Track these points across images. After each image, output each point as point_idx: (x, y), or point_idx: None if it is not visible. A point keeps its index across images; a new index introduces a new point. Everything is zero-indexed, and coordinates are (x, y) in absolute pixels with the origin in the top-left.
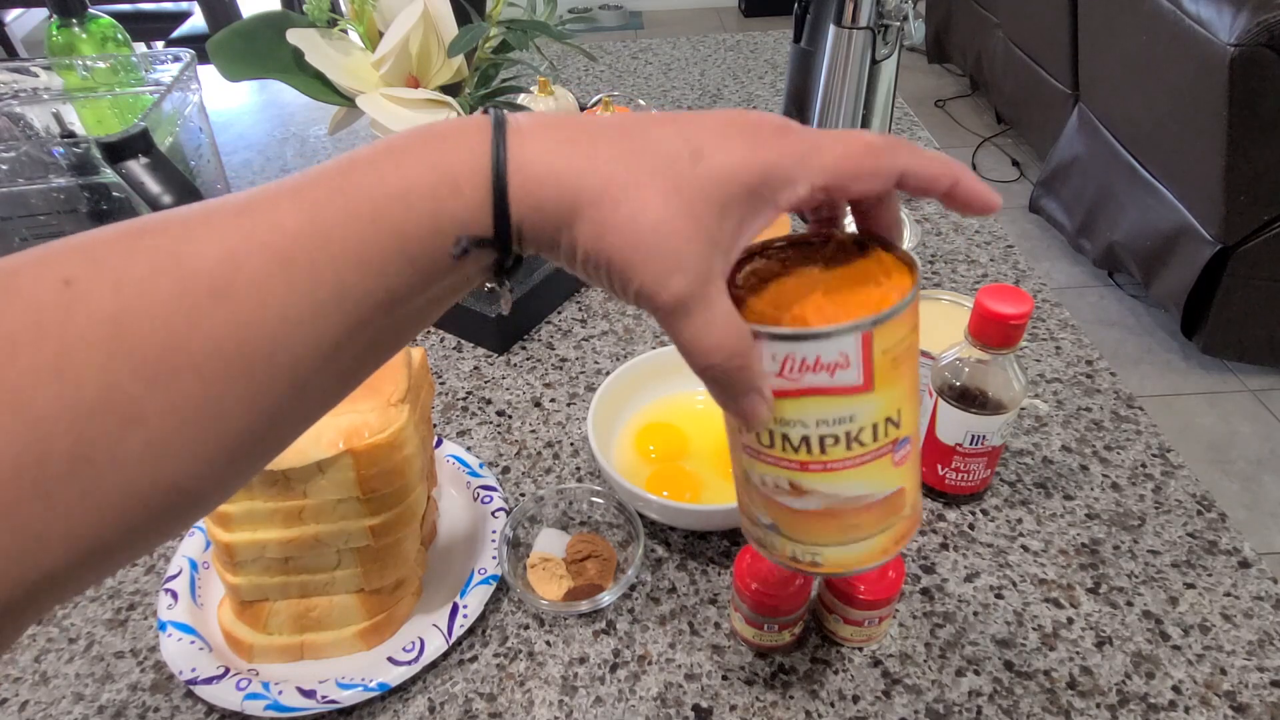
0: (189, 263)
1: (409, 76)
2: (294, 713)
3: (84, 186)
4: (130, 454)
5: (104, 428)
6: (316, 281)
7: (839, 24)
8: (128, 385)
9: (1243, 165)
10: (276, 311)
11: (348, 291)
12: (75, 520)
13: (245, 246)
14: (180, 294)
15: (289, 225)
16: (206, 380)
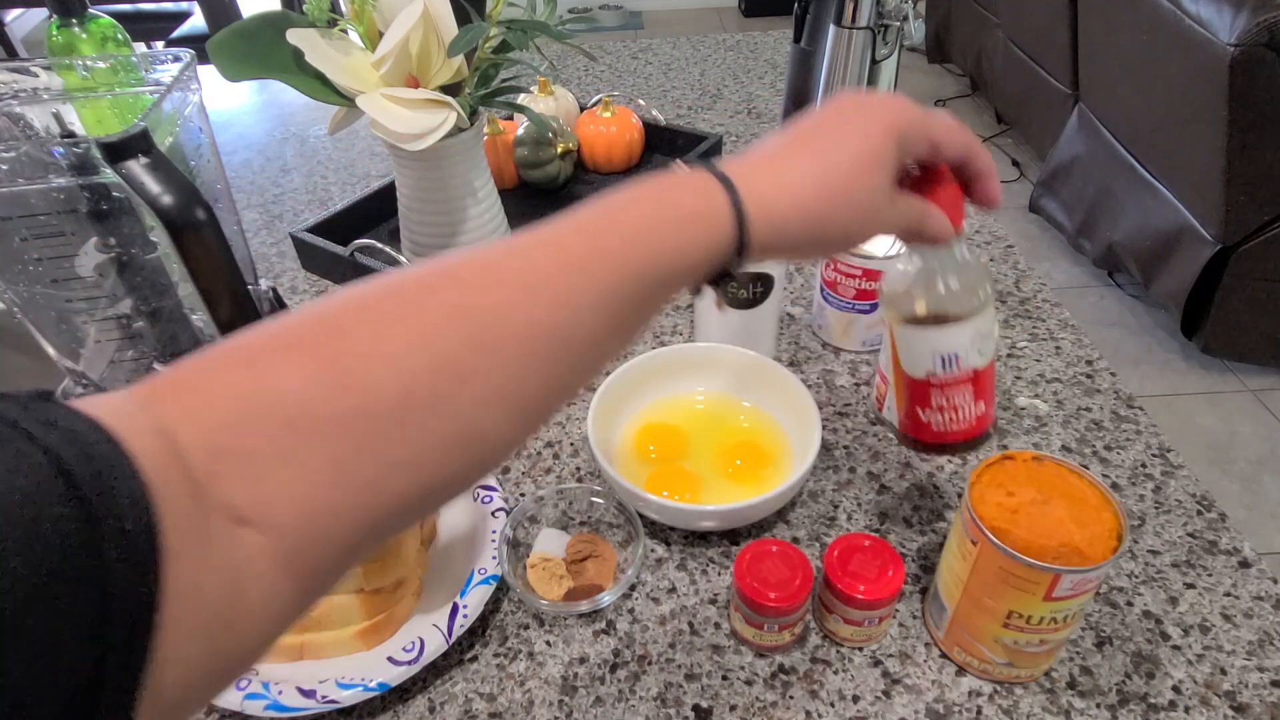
0: (507, 270)
1: (409, 76)
2: (294, 713)
3: (84, 186)
4: (462, 404)
5: (449, 381)
6: (594, 284)
7: (839, 24)
8: (464, 352)
9: (1243, 165)
10: (566, 304)
11: (615, 293)
12: (422, 452)
13: (546, 261)
14: (499, 288)
15: (576, 246)
16: (516, 352)
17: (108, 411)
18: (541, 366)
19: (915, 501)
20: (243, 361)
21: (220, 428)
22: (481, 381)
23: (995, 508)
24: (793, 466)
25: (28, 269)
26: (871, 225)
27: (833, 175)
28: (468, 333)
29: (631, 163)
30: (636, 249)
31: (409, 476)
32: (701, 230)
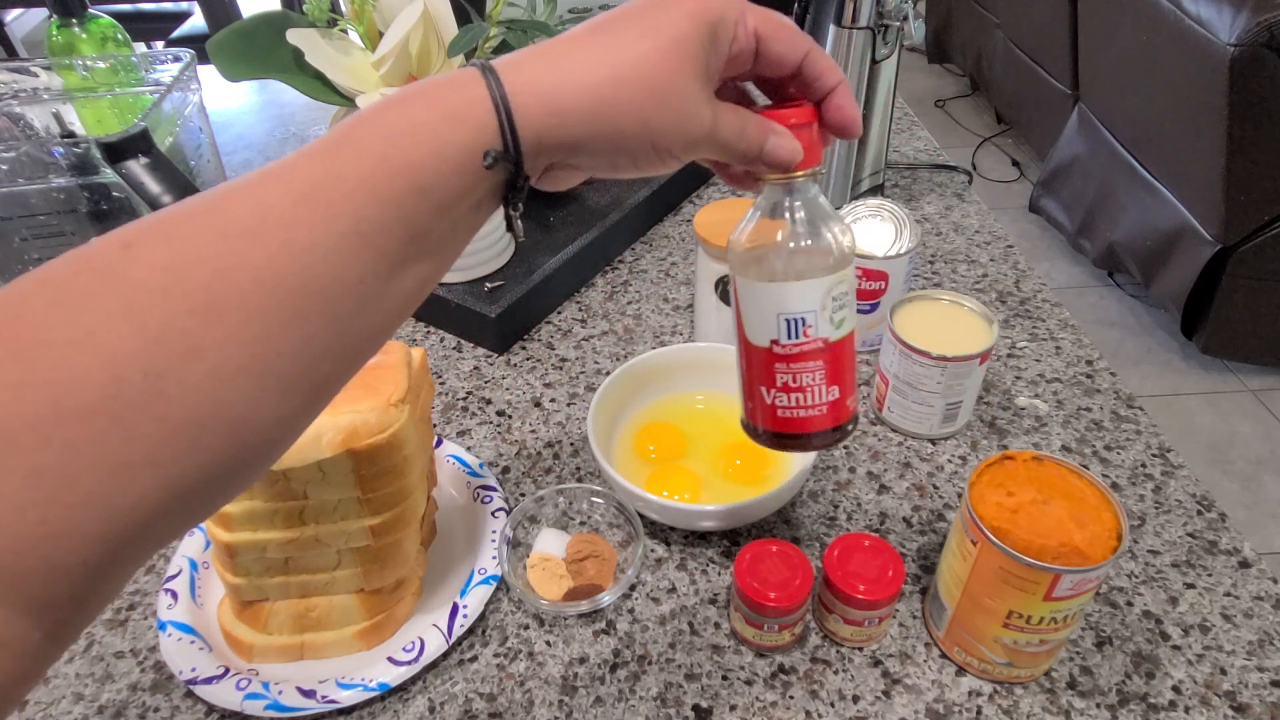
0: (225, 215)
1: (409, 76)
2: (294, 713)
3: (84, 186)
4: (194, 382)
5: (168, 359)
6: (334, 216)
7: (839, 24)
8: (184, 321)
9: (1243, 165)
10: (302, 245)
11: (367, 223)
12: (155, 447)
13: (271, 196)
14: (219, 239)
15: (307, 174)
16: (250, 312)
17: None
18: (288, 324)
19: (915, 501)
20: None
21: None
22: (212, 352)
23: (995, 508)
24: (793, 466)
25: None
26: (677, 120)
27: (625, 56)
28: (183, 296)
29: None
30: (383, 164)
31: (147, 478)
32: (457, 128)
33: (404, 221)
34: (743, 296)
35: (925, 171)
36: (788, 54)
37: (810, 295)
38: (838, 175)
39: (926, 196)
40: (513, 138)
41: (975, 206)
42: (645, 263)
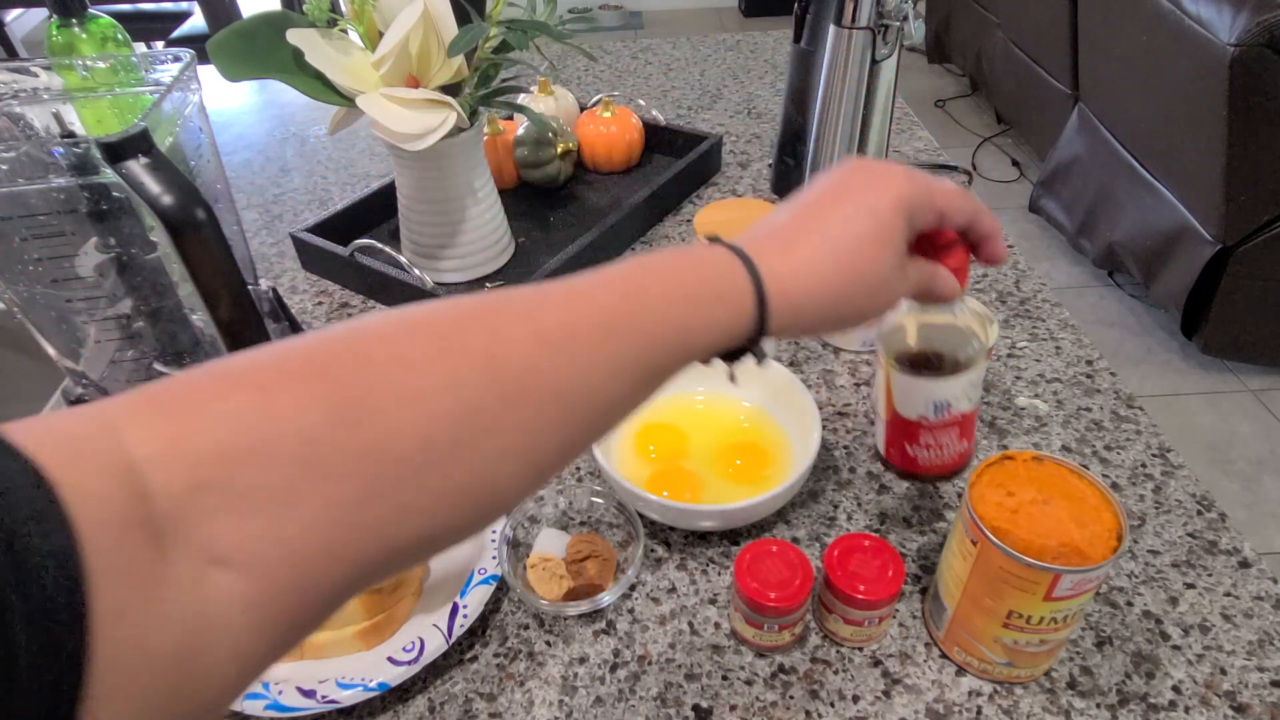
0: (539, 324)
1: (409, 76)
2: (294, 713)
3: (84, 186)
4: (481, 454)
5: (471, 431)
6: (620, 351)
7: (839, 24)
8: (492, 403)
9: (1243, 165)
10: (593, 366)
11: (641, 362)
12: (434, 499)
13: (578, 317)
14: (534, 344)
15: (607, 306)
16: (540, 407)
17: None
18: (561, 423)
19: (915, 501)
20: (253, 386)
21: (212, 458)
22: (504, 433)
23: (995, 508)
24: (793, 466)
25: (28, 269)
26: (885, 299)
27: (845, 257)
28: (495, 382)
29: (631, 163)
30: (663, 321)
31: (418, 522)
32: (725, 310)
33: (664, 364)
34: (895, 383)
35: (925, 171)
36: (960, 219)
37: (954, 387)
38: None
39: None
40: (761, 326)
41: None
42: None
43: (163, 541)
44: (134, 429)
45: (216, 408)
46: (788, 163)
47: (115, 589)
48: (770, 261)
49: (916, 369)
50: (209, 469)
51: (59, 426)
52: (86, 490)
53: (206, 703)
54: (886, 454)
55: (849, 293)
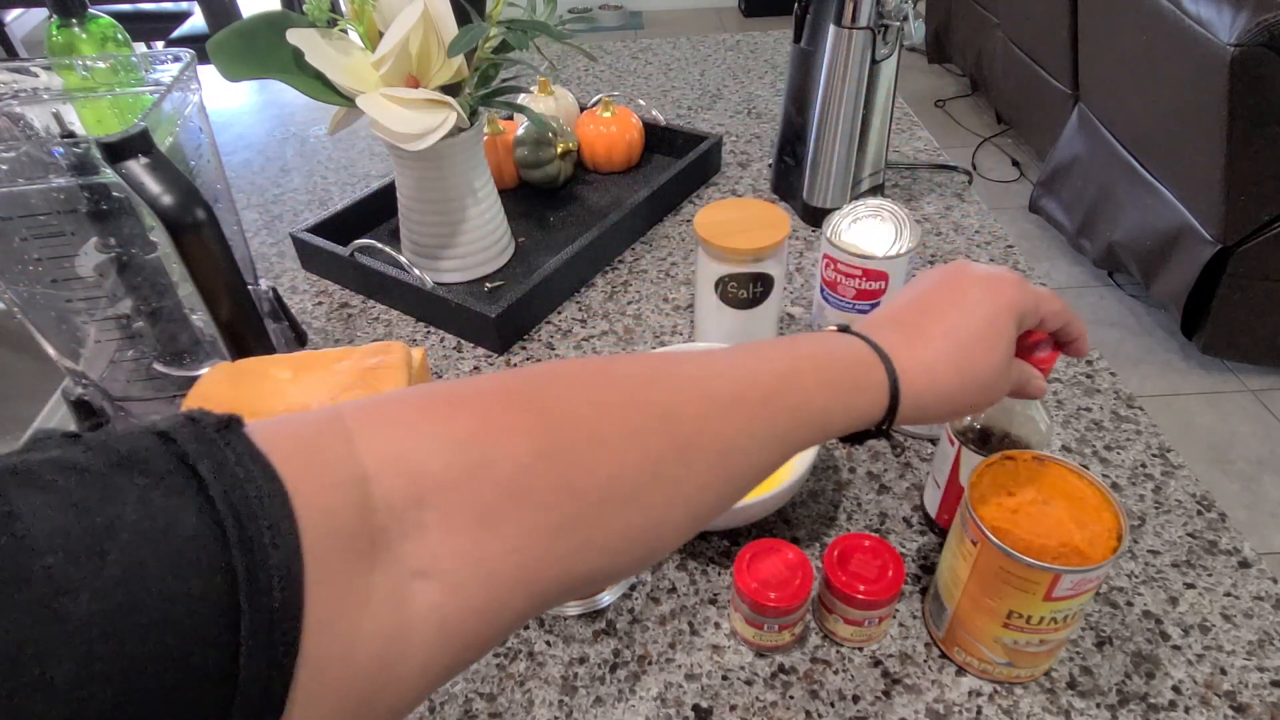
0: (710, 389)
1: (409, 76)
2: None
3: (84, 186)
4: (657, 500)
5: (650, 478)
6: (775, 421)
7: (839, 24)
8: (670, 455)
9: (1243, 165)
10: (754, 432)
11: (789, 434)
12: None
13: (743, 390)
14: (706, 406)
15: (767, 383)
16: (707, 463)
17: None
18: (720, 479)
19: (915, 501)
20: (473, 413)
21: (431, 478)
22: (675, 483)
23: (995, 508)
24: (793, 466)
25: (28, 269)
26: (991, 395)
27: (964, 358)
28: (673, 437)
29: (631, 163)
30: (810, 403)
31: (596, 559)
32: (864, 400)
33: (806, 439)
34: (965, 457)
35: (925, 171)
36: (1057, 323)
37: None
38: (838, 175)
39: (926, 196)
40: (891, 416)
41: (975, 206)
42: (645, 263)
43: (375, 551)
44: (366, 440)
45: (441, 429)
46: (788, 163)
47: (328, 601)
48: (901, 357)
49: (984, 445)
50: (427, 486)
51: (300, 433)
52: (317, 502)
53: (394, 708)
54: (938, 517)
55: (965, 389)
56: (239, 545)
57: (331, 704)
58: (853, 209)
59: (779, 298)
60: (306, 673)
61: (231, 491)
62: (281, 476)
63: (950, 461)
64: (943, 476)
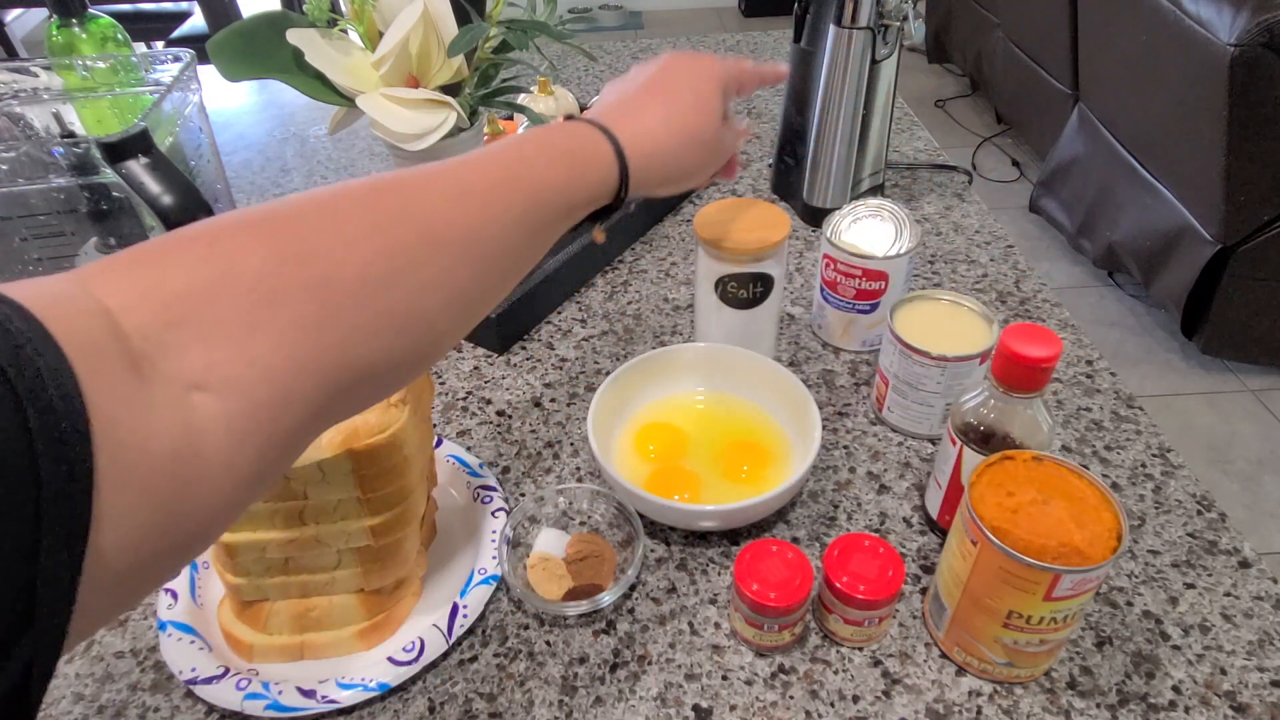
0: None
1: (409, 76)
2: (294, 713)
3: (84, 186)
4: (410, 287)
5: (400, 266)
6: (512, 203)
7: (839, 24)
8: (412, 243)
9: (1243, 165)
10: (494, 216)
11: (529, 212)
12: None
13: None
14: (438, 199)
15: (495, 171)
16: (456, 250)
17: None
18: (474, 265)
19: (915, 501)
20: (204, 241)
21: (178, 300)
22: (424, 268)
23: (995, 508)
24: (793, 466)
25: (28, 269)
26: (714, 156)
27: (678, 120)
28: (414, 228)
29: None
30: (543, 181)
31: (367, 344)
32: (594, 170)
33: (549, 219)
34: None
35: (925, 171)
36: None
37: None
38: (838, 175)
39: (926, 196)
40: (623, 184)
41: (975, 206)
42: (645, 263)
43: (142, 372)
44: (104, 286)
45: (175, 259)
46: (788, 163)
47: (107, 399)
48: (623, 128)
49: (985, 445)
50: (177, 309)
51: (35, 285)
52: (71, 326)
53: (213, 505)
54: (939, 517)
55: (688, 147)
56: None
57: (139, 494)
58: (853, 209)
59: (779, 298)
60: (105, 461)
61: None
62: (27, 307)
63: (951, 462)
64: (944, 477)
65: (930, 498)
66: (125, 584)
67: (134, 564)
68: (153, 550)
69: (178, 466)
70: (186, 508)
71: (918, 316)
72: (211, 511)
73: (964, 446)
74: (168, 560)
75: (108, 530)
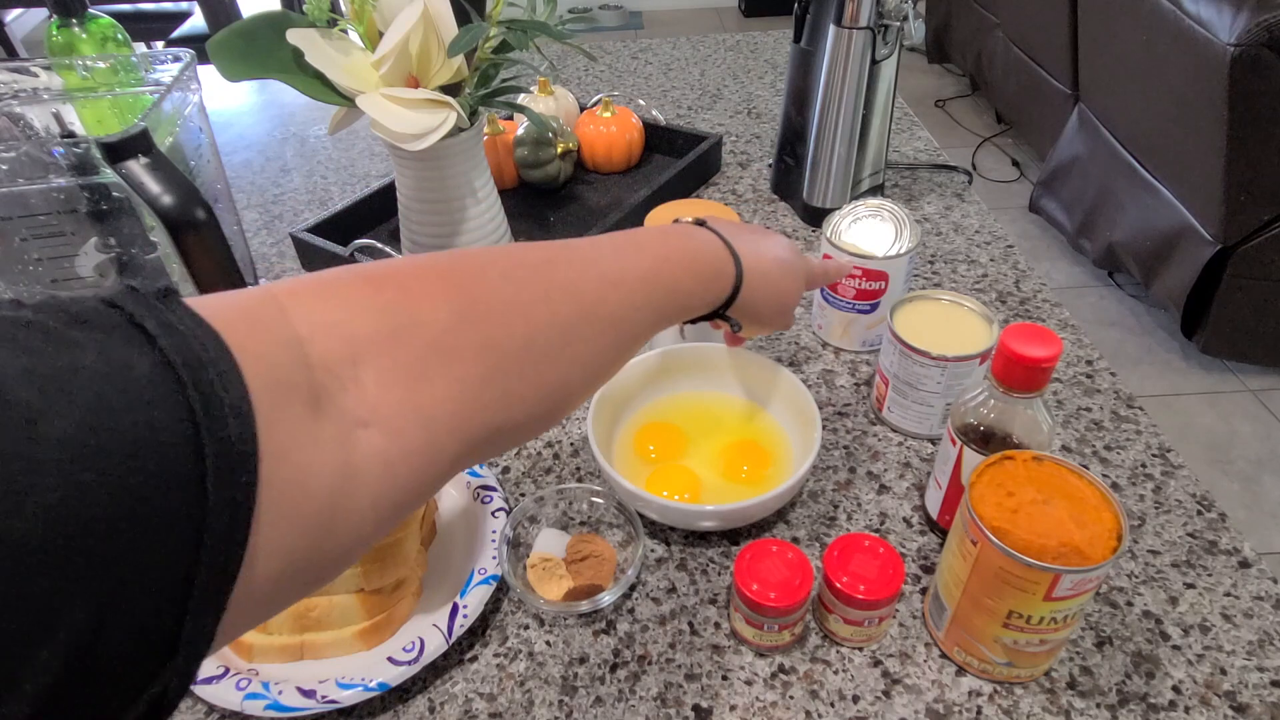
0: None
1: (409, 76)
2: (294, 712)
3: (84, 186)
4: (565, 358)
5: (560, 339)
6: (651, 296)
7: (839, 24)
8: (576, 320)
9: (1243, 165)
10: (639, 305)
11: (663, 306)
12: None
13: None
14: (599, 282)
15: (645, 265)
16: (605, 331)
17: (237, 316)
18: (613, 345)
19: (915, 501)
20: (396, 286)
21: (365, 340)
22: (579, 344)
23: (995, 508)
24: (793, 466)
25: (28, 269)
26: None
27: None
28: (578, 305)
29: (631, 163)
30: (678, 283)
31: (516, 408)
32: (718, 286)
33: (673, 315)
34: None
35: (925, 171)
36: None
37: None
38: (838, 175)
39: (926, 196)
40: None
41: (975, 206)
42: None
43: (319, 404)
44: (298, 310)
45: (368, 300)
46: (788, 163)
47: (279, 438)
48: (746, 259)
49: (985, 445)
50: (361, 348)
51: (234, 303)
52: (259, 355)
53: (350, 540)
54: (939, 517)
55: (777, 301)
56: (192, 385)
57: (292, 528)
58: (853, 209)
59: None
60: (268, 497)
61: (179, 344)
62: (221, 334)
63: (952, 462)
64: (944, 477)
65: (930, 498)
66: (261, 607)
67: (274, 591)
68: (292, 579)
69: (333, 502)
70: (331, 542)
71: (918, 316)
72: (351, 543)
73: (964, 446)
74: (303, 587)
75: (257, 562)
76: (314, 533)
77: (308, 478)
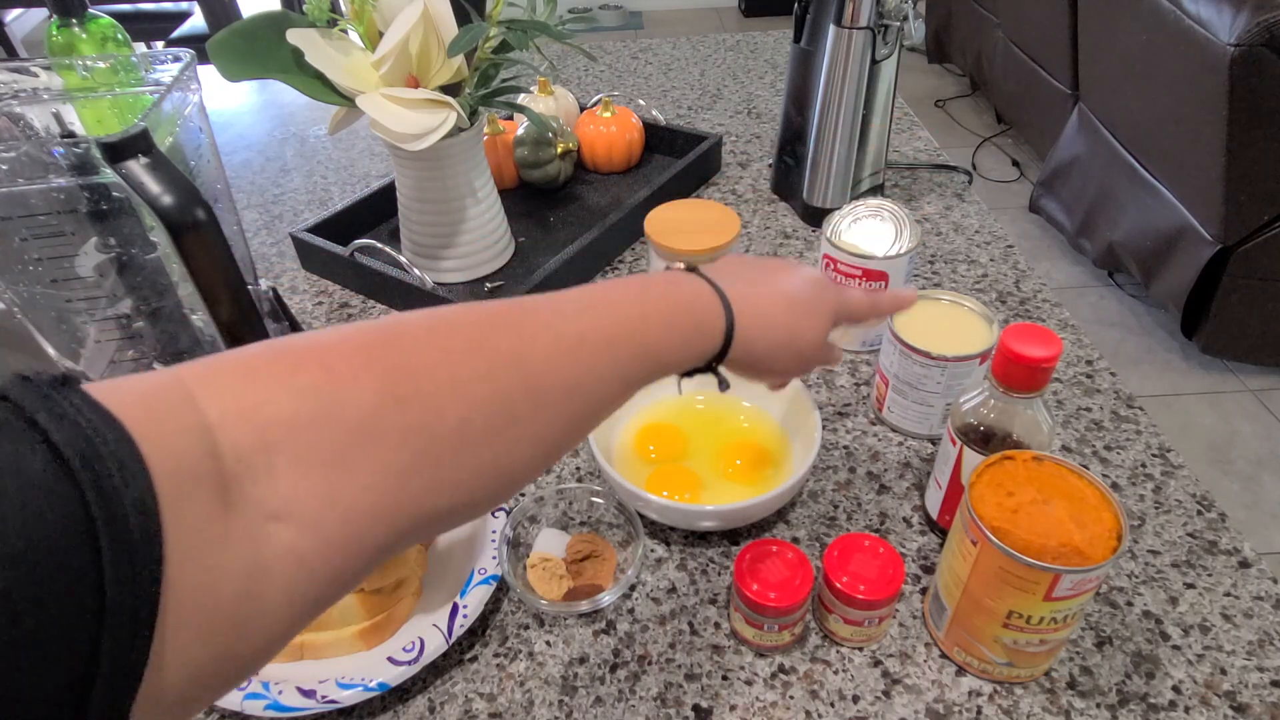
0: (557, 331)
1: (409, 76)
2: (294, 713)
3: (84, 186)
4: (508, 438)
5: (501, 418)
6: (619, 361)
7: (839, 24)
8: (518, 396)
9: (1243, 165)
10: (597, 375)
11: (631, 373)
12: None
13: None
14: (553, 348)
15: (612, 325)
16: (556, 404)
17: (139, 402)
18: (568, 416)
19: (915, 501)
20: (317, 364)
21: (279, 425)
22: (525, 422)
23: (995, 508)
24: (793, 466)
25: (28, 269)
26: (802, 366)
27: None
28: (522, 379)
29: (631, 163)
30: (654, 342)
31: (450, 495)
32: (702, 339)
33: (648, 376)
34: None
35: (925, 171)
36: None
37: None
38: (838, 175)
39: (926, 196)
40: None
41: (975, 206)
42: (645, 263)
43: (229, 496)
44: (207, 394)
45: (285, 381)
46: (788, 163)
47: (185, 536)
48: (740, 305)
49: (986, 445)
50: (276, 434)
51: (137, 388)
52: (163, 447)
53: (264, 640)
54: (939, 517)
55: (789, 347)
56: (90, 484)
57: (200, 633)
58: (853, 209)
59: None
60: (174, 600)
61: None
62: (123, 423)
63: (952, 462)
64: (944, 477)
65: (930, 498)
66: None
67: (184, 698)
68: (204, 684)
69: (242, 605)
70: (244, 644)
71: (918, 316)
72: (266, 644)
73: (964, 446)
74: (215, 691)
75: (164, 670)
76: (224, 635)
77: (217, 580)
